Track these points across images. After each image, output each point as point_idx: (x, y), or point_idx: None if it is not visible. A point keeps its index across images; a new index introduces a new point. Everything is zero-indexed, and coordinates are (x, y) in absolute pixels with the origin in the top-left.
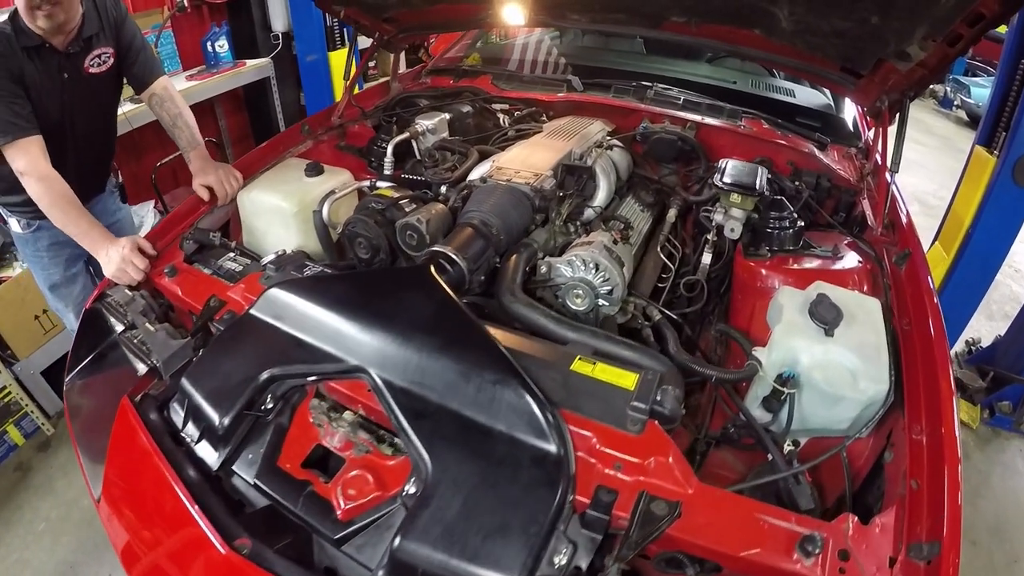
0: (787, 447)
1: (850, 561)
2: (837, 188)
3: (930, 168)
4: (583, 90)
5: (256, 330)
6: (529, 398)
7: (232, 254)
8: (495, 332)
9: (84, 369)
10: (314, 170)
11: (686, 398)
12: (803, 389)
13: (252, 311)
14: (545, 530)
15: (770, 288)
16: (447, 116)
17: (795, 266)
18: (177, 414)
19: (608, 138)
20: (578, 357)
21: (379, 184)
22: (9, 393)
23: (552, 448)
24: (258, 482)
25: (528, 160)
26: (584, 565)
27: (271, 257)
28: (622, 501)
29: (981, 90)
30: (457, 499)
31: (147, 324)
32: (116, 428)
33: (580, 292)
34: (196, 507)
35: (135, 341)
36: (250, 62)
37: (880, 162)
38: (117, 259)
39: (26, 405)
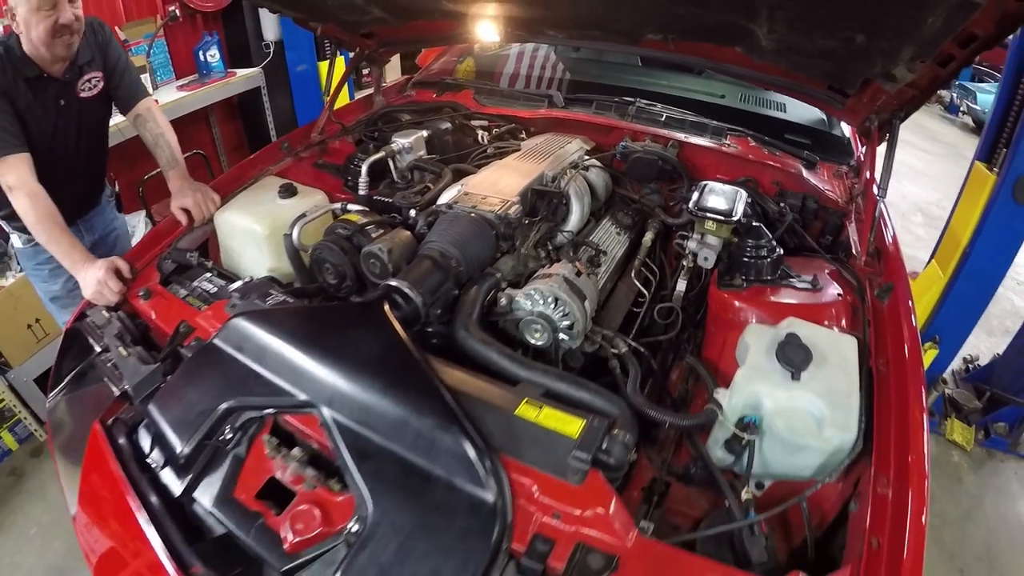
0: (751, 490)
1: None
2: (824, 210)
3: (934, 176)
4: (564, 106)
5: (218, 360)
6: (468, 444)
7: (209, 274)
8: (446, 370)
9: (65, 387)
10: (287, 191)
11: (652, 430)
12: (765, 435)
13: (215, 340)
14: None
15: (743, 321)
16: (424, 134)
17: (771, 298)
18: (145, 440)
19: (586, 157)
20: (525, 400)
21: (349, 207)
22: (3, 400)
23: (489, 496)
24: (214, 511)
25: (497, 184)
26: None
27: (238, 284)
28: (559, 551)
29: (987, 96)
30: (394, 543)
31: (120, 348)
32: (88, 451)
33: (538, 327)
34: (156, 535)
35: (108, 365)
36: (240, 72)
37: (869, 184)
38: (93, 281)
39: (19, 411)
